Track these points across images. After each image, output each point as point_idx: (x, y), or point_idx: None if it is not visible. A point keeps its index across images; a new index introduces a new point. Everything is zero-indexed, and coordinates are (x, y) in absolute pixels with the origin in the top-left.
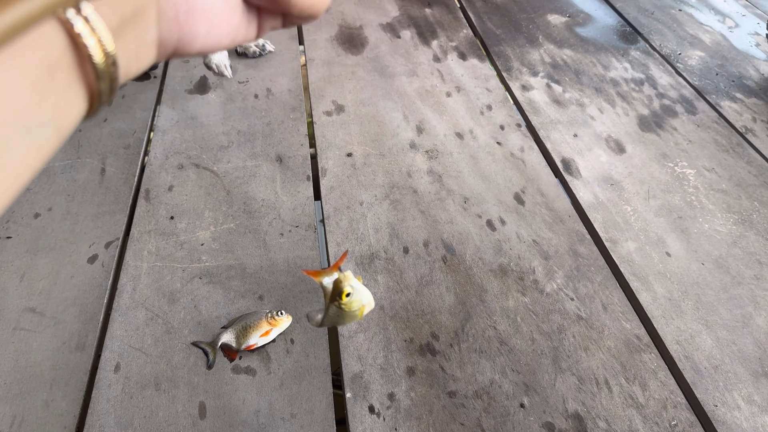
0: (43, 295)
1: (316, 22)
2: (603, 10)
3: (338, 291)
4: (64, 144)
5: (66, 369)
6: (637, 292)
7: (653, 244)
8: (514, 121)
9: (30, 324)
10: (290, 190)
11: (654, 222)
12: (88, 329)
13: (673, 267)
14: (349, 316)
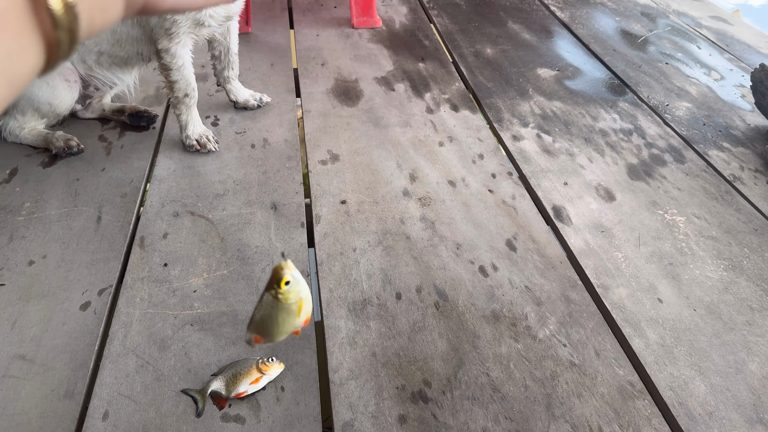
0: (34, 342)
1: (313, 75)
2: (592, 63)
3: (277, 278)
4: (60, 191)
5: (54, 417)
6: (630, 338)
7: (645, 291)
8: (506, 169)
9: (19, 371)
10: (284, 237)
11: (645, 268)
12: (77, 377)
13: (665, 313)
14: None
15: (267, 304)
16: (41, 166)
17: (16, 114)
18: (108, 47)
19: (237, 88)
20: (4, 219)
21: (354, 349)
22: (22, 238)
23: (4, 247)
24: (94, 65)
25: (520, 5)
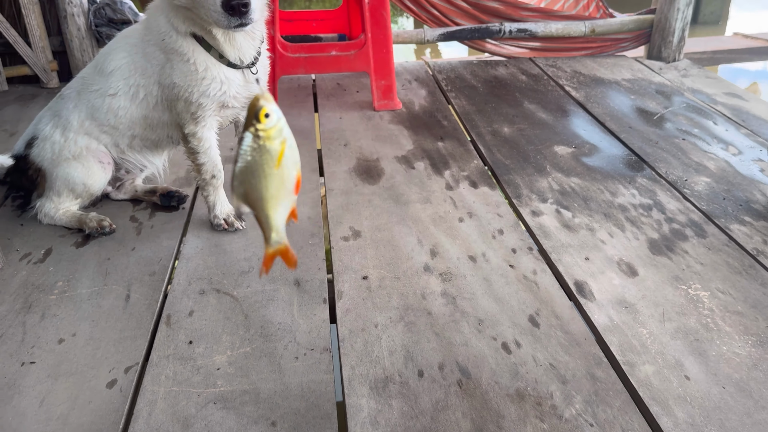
0: (61, 420)
1: (336, 155)
2: (608, 140)
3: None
4: (92, 270)
5: None
6: (658, 417)
7: (671, 368)
8: (526, 244)
9: None
10: (306, 313)
11: (671, 345)
12: None
13: (693, 391)
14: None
15: (248, 149)
16: (74, 246)
17: (52, 195)
18: (140, 131)
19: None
20: (37, 298)
21: (376, 429)
22: (54, 316)
23: (35, 326)
24: (127, 149)
25: (535, 86)
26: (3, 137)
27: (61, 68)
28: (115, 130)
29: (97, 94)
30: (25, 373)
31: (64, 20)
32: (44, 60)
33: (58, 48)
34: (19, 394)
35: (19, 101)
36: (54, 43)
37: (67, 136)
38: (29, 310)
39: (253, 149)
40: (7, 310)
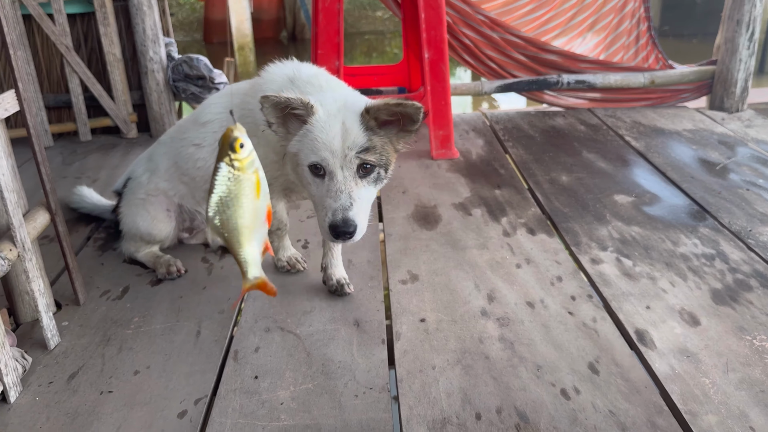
0: None
1: (395, 202)
2: (669, 190)
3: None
4: (166, 307)
5: None
6: None
7: (735, 419)
8: (585, 292)
9: None
10: (366, 353)
11: (735, 395)
12: None
13: None
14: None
15: (223, 180)
16: (150, 284)
17: (129, 240)
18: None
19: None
20: (116, 332)
21: None
22: (130, 349)
23: (113, 358)
24: (202, 201)
25: (594, 136)
26: (86, 183)
27: (139, 120)
28: (192, 181)
29: (185, 142)
30: (104, 401)
31: (145, 76)
32: (125, 112)
33: (138, 101)
34: (98, 420)
35: (101, 150)
36: (134, 97)
37: (151, 179)
38: (108, 343)
39: (229, 179)
40: (88, 342)
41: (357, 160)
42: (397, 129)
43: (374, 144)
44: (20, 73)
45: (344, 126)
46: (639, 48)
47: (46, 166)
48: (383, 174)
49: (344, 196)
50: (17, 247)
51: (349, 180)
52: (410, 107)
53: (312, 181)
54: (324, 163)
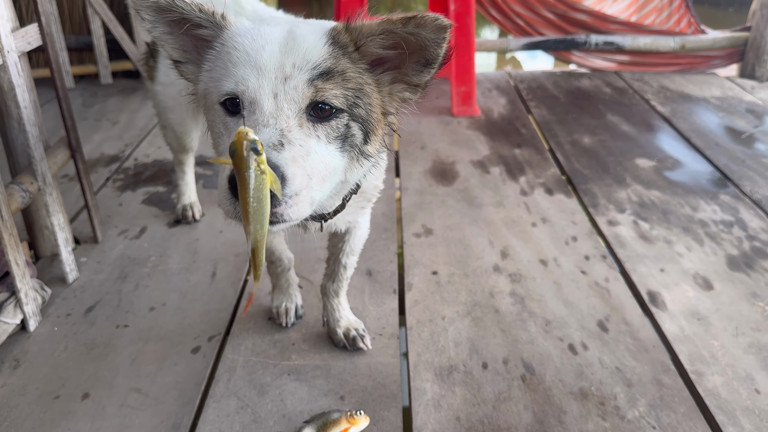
0: (149, 378)
1: (413, 157)
2: (692, 156)
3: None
4: (182, 248)
5: None
6: (723, 426)
7: (741, 380)
8: (600, 252)
9: (135, 402)
10: (377, 301)
11: (742, 359)
12: (184, 412)
13: (762, 404)
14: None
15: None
16: (167, 225)
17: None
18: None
19: (336, 309)
20: (133, 270)
21: (438, 411)
22: (146, 287)
23: (130, 294)
24: None
25: (619, 99)
26: (107, 126)
27: None
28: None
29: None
30: (120, 334)
31: None
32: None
33: None
34: (113, 352)
35: (121, 93)
36: None
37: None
38: (125, 280)
39: (259, 182)
40: (106, 278)
41: (308, 90)
42: (395, 73)
43: (342, 69)
44: (43, 7)
45: (291, 36)
46: (672, 11)
47: (68, 102)
48: (357, 136)
49: (268, 131)
50: (38, 181)
51: (285, 113)
52: (428, 24)
53: (223, 130)
54: (241, 86)
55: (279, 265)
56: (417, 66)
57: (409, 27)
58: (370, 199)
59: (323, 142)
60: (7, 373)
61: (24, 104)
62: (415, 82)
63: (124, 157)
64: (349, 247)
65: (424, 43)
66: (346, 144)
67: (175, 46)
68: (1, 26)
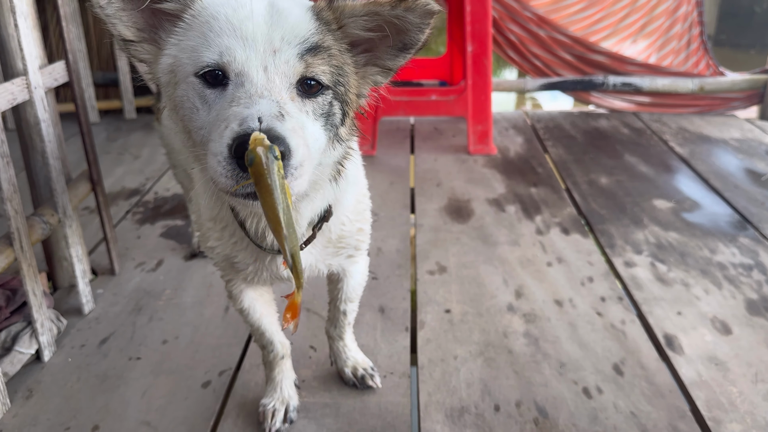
0: (159, 411)
1: (428, 194)
2: (711, 198)
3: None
4: (197, 282)
5: None
6: None
7: (761, 429)
8: (616, 294)
9: None
10: (389, 339)
11: (762, 406)
12: None
13: None
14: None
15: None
16: (183, 259)
17: None
18: None
19: (342, 351)
20: (148, 302)
21: None
22: (160, 319)
23: (144, 326)
24: None
25: (637, 140)
26: (129, 159)
27: None
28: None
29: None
30: (132, 367)
31: None
32: None
33: None
34: (125, 384)
35: (145, 129)
36: None
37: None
38: (139, 312)
39: (282, 191)
40: (121, 310)
41: (299, 64)
42: (369, 56)
43: (328, 46)
44: (71, 45)
45: (274, 8)
46: (689, 53)
47: (91, 137)
48: (337, 114)
49: (266, 102)
50: (58, 213)
51: (278, 87)
52: (417, 9)
53: (199, 103)
54: (226, 57)
55: (271, 350)
56: (393, 50)
57: (397, 10)
58: (357, 247)
59: (311, 117)
60: (19, 402)
61: (48, 138)
62: (389, 66)
63: (145, 191)
64: (344, 295)
65: (406, 27)
66: (328, 123)
67: (128, 23)
68: (29, 63)
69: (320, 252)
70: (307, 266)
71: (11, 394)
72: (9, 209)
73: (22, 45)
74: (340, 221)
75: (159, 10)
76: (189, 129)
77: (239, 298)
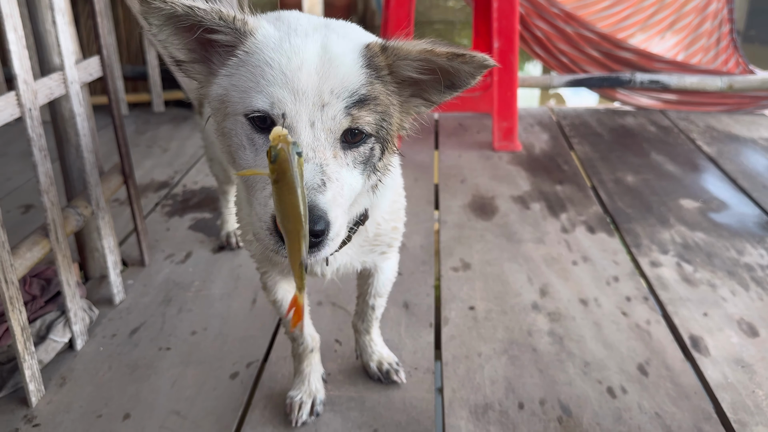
0: (189, 401)
1: (452, 190)
2: (738, 198)
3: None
4: (225, 274)
5: None
6: None
7: None
8: (641, 294)
9: (173, 425)
10: (413, 335)
11: None
12: None
13: None
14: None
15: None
16: (212, 251)
17: None
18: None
19: (368, 345)
20: (177, 293)
21: None
22: (189, 311)
23: (173, 317)
24: None
25: (664, 138)
26: (158, 152)
27: None
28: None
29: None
30: (162, 357)
31: None
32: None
33: None
34: (155, 374)
35: (173, 122)
36: None
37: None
38: (169, 304)
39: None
40: (151, 301)
41: (345, 119)
42: (415, 89)
43: (376, 95)
44: (104, 40)
45: (326, 54)
46: (719, 51)
47: (123, 130)
48: (377, 155)
49: (310, 167)
50: (91, 205)
51: (323, 144)
52: (474, 63)
53: (246, 143)
54: (276, 109)
55: (301, 343)
56: (440, 87)
57: (454, 62)
58: (390, 244)
59: (350, 167)
60: (53, 390)
61: (83, 132)
62: (434, 100)
63: (173, 184)
64: (374, 290)
65: (459, 74)
66: (368, 165)
67: (179, 47)
68: (66, 59)
69: (355, 251)
70: (341, 265)
71: (45, 381)
72: (46, 201)
73: (60, 41)
74: (375, 222)
75: (212, 40)
76: (234, 159)
77: (273, 290)
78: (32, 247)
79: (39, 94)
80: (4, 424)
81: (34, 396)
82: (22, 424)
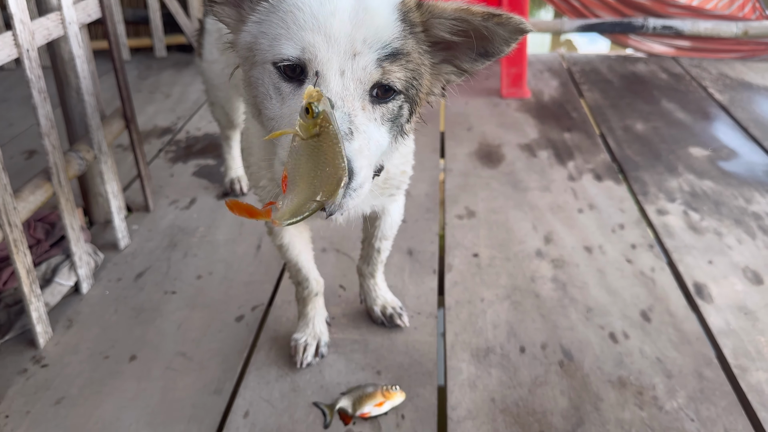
0: (194, 343)
1: (458, 138)
2: (749, 146)
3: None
4: (229, 220)
5: (203, 408)
6: (765, 423)
7: None
8: (647, 242)
9: (180, 366)
10: (416, 281)
11: None
12: (226, 377)
13: None
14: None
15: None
16: (216, 197)
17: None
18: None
19: (372, 289)
20: (182, 239)
21: (474, 391)
22: (194, 256)
23: (178, 262)
24: None
25: (676, 85)
26: (160, 98)
27: None
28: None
29: None
30: (167, 300)
31: None
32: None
33: None
34: (161, 317)
35: (175, 67)
36: None
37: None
38: (174, 248)
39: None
40: (156, 246)
41: (376, 71)
42: (447, 54)
43: (408, 51)
44: None
45: (361, 4)
46: None
47: (124, 74)
48: (405, 115)
49: (339, 114)
50: (94, 149)
51: (352, 94)
52: (510, 25)
53: (273, 92)
54: (308, 54)
55: (306, 287)
56: (473, 54)
57: (489, 22)
58: (399, 187)
59: (378, 123)
60: (60, 331)
61: (83, 75)
62: (465, 68)
63: (177, 130)
64: (381, 232)
65: (493, 37)
66: (395, 124)
67: None
68: None
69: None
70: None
71: (53, 323)
72: (47, 144)
73: None
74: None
75: None
76: (260, 109)
77: (280, 235)
78: (35, 190)
79: (36, 34)
80: (14, 364)
81: (42, 337)
82: (30, 365)
